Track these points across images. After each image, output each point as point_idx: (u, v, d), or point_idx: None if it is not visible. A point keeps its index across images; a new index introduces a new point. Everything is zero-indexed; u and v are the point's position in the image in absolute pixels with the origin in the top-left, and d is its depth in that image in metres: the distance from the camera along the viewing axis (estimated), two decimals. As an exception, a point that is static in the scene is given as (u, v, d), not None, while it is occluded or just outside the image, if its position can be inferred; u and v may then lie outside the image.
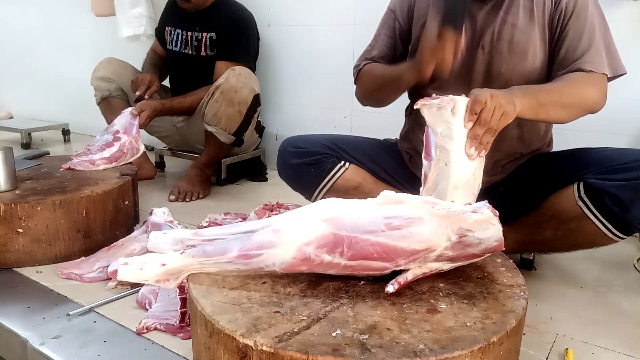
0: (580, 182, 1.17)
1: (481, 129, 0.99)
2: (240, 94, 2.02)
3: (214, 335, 0.75)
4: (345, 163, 1.39)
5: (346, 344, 0.69)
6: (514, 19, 1.23)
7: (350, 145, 1.42)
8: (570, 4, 1.20)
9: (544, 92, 1.12)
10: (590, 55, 1.18)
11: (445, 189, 1.00)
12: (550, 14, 1.22)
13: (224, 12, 2.18)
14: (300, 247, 0.82)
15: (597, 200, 1.13)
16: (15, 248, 1.36)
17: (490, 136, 1.01)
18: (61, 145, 3.18)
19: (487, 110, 0.99)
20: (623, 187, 1.09)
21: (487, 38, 1.25)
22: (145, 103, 1.95)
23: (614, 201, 1.11)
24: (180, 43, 2.26)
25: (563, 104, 1.14)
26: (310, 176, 1.39)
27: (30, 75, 3.78)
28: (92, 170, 1.68)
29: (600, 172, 1.14)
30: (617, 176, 1.11)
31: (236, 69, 2.03)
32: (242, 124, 2.08)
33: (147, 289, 1.19)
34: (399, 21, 1.39)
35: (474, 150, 1.00)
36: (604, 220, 1.15)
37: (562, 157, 1.28)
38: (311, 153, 1.39)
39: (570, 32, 1.20)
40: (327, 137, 1.45)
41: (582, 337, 1.10)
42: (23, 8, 3.66)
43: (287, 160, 1.43)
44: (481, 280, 0.89)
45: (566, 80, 1.17)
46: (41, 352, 1.02)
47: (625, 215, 1.11)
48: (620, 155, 1.15)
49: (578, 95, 1.15)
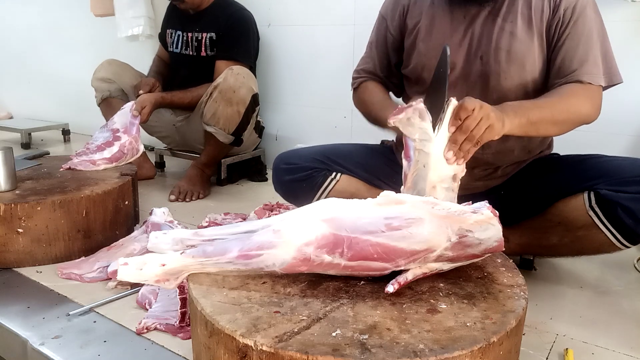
0: (591, 192, 1.16)
1: (462, 136, 0.99)
2: (238, 94, 2.01)
3: (214, 335, 0.75)
4: (337, 174, 1.38)
5: (346, 344, 0.69)
6: (512, 27, 1.21)
7: (341, 156, 1.41)
8: (568, 10, 1.18)
9: (537, 109, 1.11)
10: (588, 67, 1.17)
11: (423, 189, 1.01)
12: (548, 21, 1.20)
13: (223, 12, 2.19)
14: (300, 248, 0.82)
15: (609, 211, 1.13)
16: (15, 248, 1.36)
17: (471, 145, 1.00)
18: (61, 145, 3.18)
19: (472, 119, 0.98)
20: (637, 199, 1.10)
21: (485, 48, 1.23)
22: (145, 98, 1.95)
23: (627, 213, 1.11)
24: (181, 44, 2.27)
25: (555, 120, 1.14)
26: (303, 191, 1.38)
27: (30, 75, 3.78)
28: (92, 170, 1.68)
29: (613, 183, 1.13)
30: (630, 188, 1.11)
31: (234, 69, 2.03)
32: (241, 124, 2.08)
33: (147, 289, 1.19)
34: (391, 32, 1.38)
35: (452, 155, 1.00)
36: (614, 231, 1.15)
37: (570, 164, 1.27)
38: (302, 168, 1.38)
39: (568, 41, 1.18)
40: (319, 149, 1.45)
41: (582, 337, 1.10)
42: (23, 8, 3.66)
43: (280, 178, 1.44)
44: (481, 280, 0.89)
45: (560, 94, 1.16)
46: (41, 352, 1.02)
47: (637, 227, 1.12)
48: (632, 166, 1.15)
49: (571, 110, 1.15)
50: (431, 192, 1.01)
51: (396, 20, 1.36)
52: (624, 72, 1.22)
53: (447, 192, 1.02)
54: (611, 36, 1.23)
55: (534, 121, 1.10)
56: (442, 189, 1.01)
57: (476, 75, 1.24)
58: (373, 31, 1.44)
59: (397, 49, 1.38)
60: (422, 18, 1.30)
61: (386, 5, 1.41)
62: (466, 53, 1.24)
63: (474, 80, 1.25)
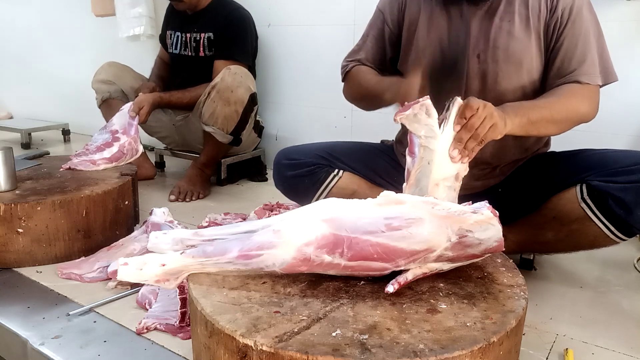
0: (583, 184, 1.16)
1: (467, 134, 1.00)
2: (236, 94, 2.01)
3: (214, 335, 0.75)
4: (339, 171, 1.39)
5: (346, 344, 0.69)
6: (509, 26, 1.21)
7: (343, 153, 1.41)
8: (566, 11, 1.19)
9: (537, 109, 1.13)
10: (586, 67, 1.18)
11: (426, 187, 1.01)
12: (546, 21, 1.21)
13: (221, 11, 2.19)
14: (300, 248, 0.82)
15: (600, 202, 1.14)
16: (15, 248, 1.36)
17: (475, 143, 1.01)
18: (61, 145, 3.18)
19: (476, 117, 0.99)
20: (627, 189, 1.10)
21: (482, 46, 1.23)
22: (143, 99, 1.96)
23: (618, 203, 1.11)
24: (180, 45, 2.27)
25: (554, 120, 1.15)
26: (305, 187, 1.38)
27: (30, 75, 3.78)
28: (92, 170, 1.68)
29: (604, 174, 1.14)
30: (620, 179, 1.11)
31: (232, 68, 2.03)
32: (239, 124, 2.08)
33: (147, 289, 1.19)
34: (388, 25, 1.37)
35: (457, 154, 1.01)
36: (607, 222, 1.15)
37: (563, 159, 1.28)
38: (304, 164, 1.38)
39: (566, 42, 1.19)
40: (321, 145, 1.45)
41: (582, 337, 1.10)
42: (23, 8, 3.66)
43: (281, 173, 1.43)
44: (481, 280, 0.89)
45: (559, 95, 1.18)
46: (41, 352, 1.02)
47: (628, 217, 1.12)
48: (622, 157, 1.16)
49: (570, 110, 1.17)
50: (434, 190, 1.01)
51: (395, 15, 1.36)
52: (622, 72, 1.23)
53: (449, 190, 1.02)
54: (609, 36, 1.23)
55: (534, 121, 1.11)
56: (444, 187, 1.02)
57: (474, 74, 1.25)
58: (368, 25, 1.43)
59: (395, 43, 1.38)
60: (420, 15, 1.30)
61: (384, 1, 1.41)
62: (464, 51, 1.24)
63: (471, 78, 1.25)
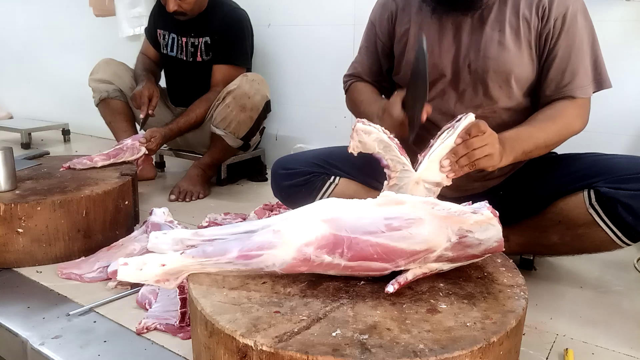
0: (591, 190, 1.16)
1: (464, 150, 1.01)
2: (253, 100, 2.03)
3: (214, 335, 0.75)
4: (335, 178, 1.38)
5: (346, 344, 0.69)
6: (500, 36, 1.20)
7: (339, 159, 1.40)
8: (559, 20, 1.17)
9: (532, 140, 1.15)
10: (579, 80, 1.18)
11: (407, 186, 1.04)
12: (538, 31, 1.19)
13: (217, 14, 2.16)
14: (300, 248, 0.82)
15: (608, 208, 1.14)
16: (15, 248, 1.36)
17: (467, 162, 1.02)
18: (61, 145, 3.18)
19: (479, 139, 1.01)
20: (636, 196, 1.10)
21: (473, 56, 1.22)
22: (155, 130, 1.96)
23: (627, 210, 1.11)
24: (177, 49, 2.24)
25: (547, 145, 1.18)
26: (302, 196, 1.38)
27: (30, 75, 3.78)
28: (92, 170, 1.68)
29: (612, 180, 1.14)
30: (629, 185, 1.12)
31: (249, 75, 2.06)
32: (252, 130, 2.10)
33: (147, 289, 1.19)
34: (380, 38, 1.37)
35: (448, 164, 1.02)
36: (614, 228, 1.15)
37: (568, 163, 1.27)
38: (300, 173, 1.38)
39: (560, 52, 1.18)
40: (317, 153, 1.45)
41: (582, 337, 1.10)
42: (23, 8, 3.66)
43: (278, 183, 1.43)
44: (481, 280, 0.89)
45: (554, 118, 1.18)
46: (41, 352, 1.02)
47: (637, 224, 1.12)
48: (631, 164, 1.16)
49: (562, 132, 1.19)
50: (414, 187, 1.04)
51: (385, 27, 1.36)
52: (622, 72, 1.23)
53: (428, 192, 1.05)
54: (607, 37, 1.22)
55: (528, 151, 1.16)
56: (424, 188, 1.04)
57: (465, 84, 1.24)
58: (363, 37, 1.43)
59: (388, 55, 1.38)
60: (411, 26, 1.29)
61: (375, 11, 1.40)
62: (454, 61, 1.24)
63: (463, 88, 1.25)
